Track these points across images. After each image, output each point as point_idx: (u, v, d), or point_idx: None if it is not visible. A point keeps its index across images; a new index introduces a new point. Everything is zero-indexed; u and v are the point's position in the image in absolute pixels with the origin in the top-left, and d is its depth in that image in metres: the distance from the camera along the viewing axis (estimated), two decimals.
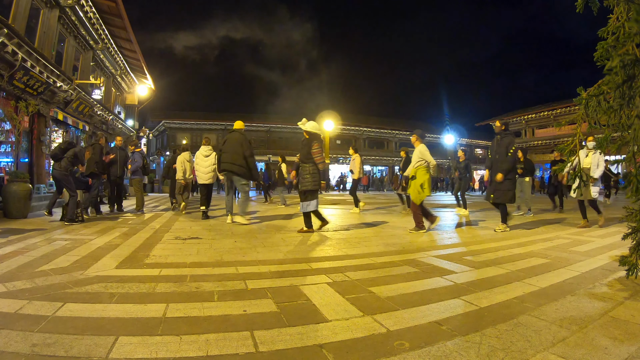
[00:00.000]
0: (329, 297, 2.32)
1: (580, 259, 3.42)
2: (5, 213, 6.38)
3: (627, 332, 1.78)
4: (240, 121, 6.43)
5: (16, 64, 7.51)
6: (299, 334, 1.77)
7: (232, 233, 5.00)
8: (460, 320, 1.95)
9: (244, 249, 3.90)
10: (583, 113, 2.94)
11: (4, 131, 8.31)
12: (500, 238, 4.71)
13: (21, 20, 8.20)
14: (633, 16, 2.37)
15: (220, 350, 1.59)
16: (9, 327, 1.77)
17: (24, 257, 3.30)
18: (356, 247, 4.04)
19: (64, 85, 9.47)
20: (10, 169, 8.41)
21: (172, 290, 2.42)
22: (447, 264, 3.24)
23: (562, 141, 4.93)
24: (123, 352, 1.56)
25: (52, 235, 4.58)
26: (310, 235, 4.84)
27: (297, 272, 2.93)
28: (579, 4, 2.70)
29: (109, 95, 15.69)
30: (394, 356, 1.55)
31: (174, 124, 31.98)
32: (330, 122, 20.89)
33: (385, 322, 1.91)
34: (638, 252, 2.64)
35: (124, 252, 3.61)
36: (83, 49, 12.42)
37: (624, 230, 2.91)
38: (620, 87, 2.52)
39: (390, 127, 36.44)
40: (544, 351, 1.58)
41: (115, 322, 1.89)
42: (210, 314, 2.01)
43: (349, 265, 3.21)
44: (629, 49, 2.42)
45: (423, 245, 4.23)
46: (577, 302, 2.24)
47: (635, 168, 2.58)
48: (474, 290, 2.48)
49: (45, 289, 2.39)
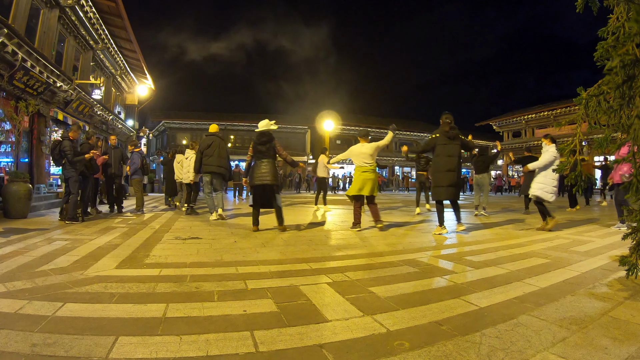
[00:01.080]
0: (329, 297, 2.32)
1: (580, 259, 3.42)
2: (5, 213, 6.38)
3: (627, 332, 1.77)
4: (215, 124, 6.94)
5: (16, 64, 7.51)
6: (299, 334, 1.77)
7: (232, 233, 5.00)
8: (460, 320, 1.95)
9: (244, 249, 3.90)
10: (583, 113, 2.94)
11: (4, 131, 8.30)
12: (500, 238, 4.72)
13: (21, 20, 8.20)
14: (633, 16, 2.37)
15: (220, 350, 1.59)
16: (9, 327, 1.77)
17: (24, 257, 3.29)
18: (356, 247, 4.04)
19: (64, 85, 9.47)
20: (10, 169, 8.40)
21: (172, 290, 2.42)
22: (447, 264, 3.24)
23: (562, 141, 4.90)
24: (123, 352, 1.56)
25: (52, 235, 4.58)
26: (310, 235, 4.85)
27: (297, 272, 2.93)
28: (579, 4, 2.70)
29: (109, 95, 15.69)
30: (394, 356, 1.55)
31: (174, 124, 31.99)
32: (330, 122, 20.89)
33: (385, 322, 1.91)
34: (638, 252, 2.64)
35: (124, 252, 3.61)
36: (83, 49, 12.42)
37: (623, 230, 2.91)
38: (620, 87, 2.52)
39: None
40: (544, 351, 1.58)
41: (115, 322, 1.89)
42: (210, 314, 2.01)
43: (349, 265, 3.21)
44: (629, 49, 2.42)
45: (423, 245, 4.23)
46: (577, 302, 2.24)
47: (635, 168, 2.58)
48: (474, 290, 2.48)
49: (45, 289, 2.39)
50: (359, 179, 5.24)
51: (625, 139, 2.62)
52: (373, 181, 5.20)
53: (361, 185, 5.19)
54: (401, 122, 37.52)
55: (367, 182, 5.17)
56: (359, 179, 5.23)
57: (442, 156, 4.88)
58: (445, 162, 4.84)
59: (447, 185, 4.84)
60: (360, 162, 5.27)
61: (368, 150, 5.24)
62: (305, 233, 5.07)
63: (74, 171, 5.97)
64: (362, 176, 5.21)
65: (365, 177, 5.19)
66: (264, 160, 4.96)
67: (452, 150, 4.83)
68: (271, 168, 4.93)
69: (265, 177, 4.88)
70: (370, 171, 5.21)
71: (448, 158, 4.82)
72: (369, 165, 5.23)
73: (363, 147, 5.30)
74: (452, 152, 4.83)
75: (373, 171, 5.24)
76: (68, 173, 5.95)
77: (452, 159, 4.81)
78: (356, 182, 5.25)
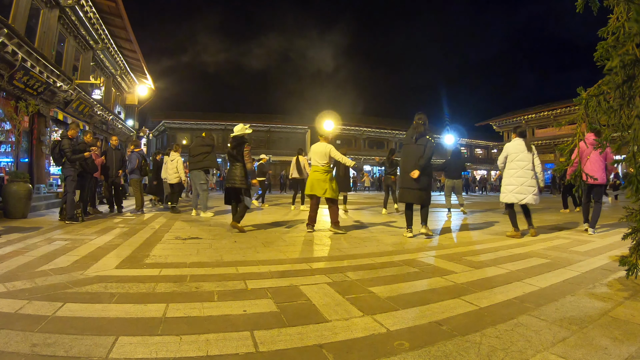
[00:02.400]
0: (329, 297, 2.32)
1: (580, 259, 3.42)
2: (5, 213, 6.38)
3: (627, 332, 1.77)
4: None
5: (16, 64, 7.51)
6: (299, 334, 1.77)
7: (231, 233, 5.00)
8: (460, 320, 1.95)
9: (244, 249, 3.90)
10: (583, 113, 2.94)
11: (4, 131, 8.30)
12: (500, 238, 4.71)
13: (21, 20, 8.20)
14: (633, 16, 2.37)
15: (220, 350, 1.59)
16: (9, 327, 1.77)
17: (24, 257, 3.29)
18: (356, 247, 4.04)
19: (64, 85, 9.47)
20: (10, 169, 8.40)
21: (172, 290, 2.42)
22: (447, 264, 3.24)
23: (562, 141, 4.86)
24: (123, 352, 1.56)
25: (52, 235, 4.58)
26: (310, 236, 4.85)
27: (297, 272, 2.93)
28: (579, 4, 2.70)
29: (109, 95, 15.69)
30: (394, 356, 1.55)
31: (174, 124, 31.97)
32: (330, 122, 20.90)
33: (385, 322, 1.91)
34: (638, 252, 2.64)
35: (124, 252, 3.61)
36: (83, 49, 12.41)
37: (624, 230, 2.91)
38: (620, 87, 2.52)
39: (391, 127, 36.45)
40: (544, 351, 1.58)
41: (115, 322, 1.89)
42: (210, 314, 2.01)
43: (349, 265, 3.21)
44: (629, 49, 2.42)
45: (423, 245, 4.23)
46: (577, 302, 2.24)
47: (635, 168, 2.58)
48: (474, 290, 2.48)
49: (45, 289, 2.39)
50: (309, 178, 5.20)
51: (625, 138, 2.62)
52: (323, 182, 5.05)
53: (310, 184, 5.13)
54: (401, 122, 37.53)
55: (316, 183, 5.07)
56: (310, 178, 5.19)
57: (404, 157, 4.73)
58: (405, 164, 4.68)
59: (406, 187, 4.64)
60: (314, 160, 5.20)
61: (324, 149, 5.14)
62: (304, 233, 5.07)
63: (72, 170, 5.99)
64: (312, 176, 5.15)
65: (314, 177, 5.10)
66: (236, 164, 5.12)
67: (414, 151, 4.58)
68: (240, 172, 5.08)
69: (235, 180, 5.06)
70: (322, 171, 5.09)
71: (408, 158, 4.63)
72: (322, 165, 5.12)
73: (320, 146, 5.20)
74: (413, 152, 4.58)
75: (325, 172, 5.10)
76: (66, 172, 5.97)
77: (412, 160, 4.56)
78: (308, 182, 5.22)
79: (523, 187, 4.67)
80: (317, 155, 5.15)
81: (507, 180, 4.82)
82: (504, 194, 4.84)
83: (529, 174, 4.67)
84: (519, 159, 4.73)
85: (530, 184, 4.66)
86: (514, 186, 4.73)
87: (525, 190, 4.66)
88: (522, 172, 4.70)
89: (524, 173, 4.68)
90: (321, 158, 5.13)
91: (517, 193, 4.70)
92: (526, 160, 4.70)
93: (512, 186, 4.75)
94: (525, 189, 4.66)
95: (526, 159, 4.70)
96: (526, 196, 4.65)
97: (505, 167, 4.90)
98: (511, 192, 4.75)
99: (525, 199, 4.65)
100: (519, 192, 4.69)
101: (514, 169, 4.75)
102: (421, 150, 4.54)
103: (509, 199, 4.79)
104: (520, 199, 4.68)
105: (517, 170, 4.72)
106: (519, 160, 4.72)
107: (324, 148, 5.15)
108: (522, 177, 4.69)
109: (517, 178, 4.71)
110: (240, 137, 5.18)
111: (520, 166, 4.71)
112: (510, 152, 4.81)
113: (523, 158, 4.71)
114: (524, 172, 4.68)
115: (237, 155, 5.11)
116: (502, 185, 4.91)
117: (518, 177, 4.71)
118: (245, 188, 5.07)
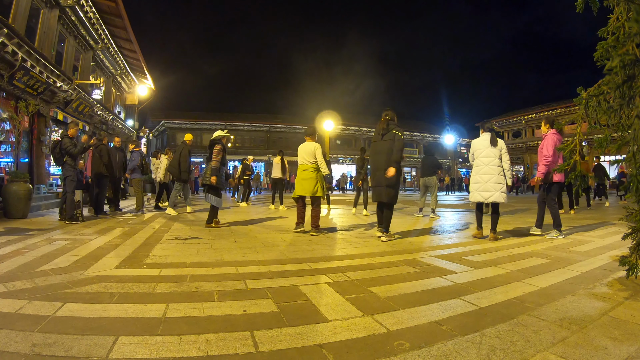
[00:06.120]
0: (329, 297, 2.32)
1: (580, 259, 3.42)
2: (5, 213, 6.38)
3: (627, 332, 1.77)
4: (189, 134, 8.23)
5: (16, 64, 7.51)
6: (299, 334, 1.77)
7: (231, 233, 5.00)
8: (460, 320, 1.95)
9: (244, 249, 3.90)
10: (583, 113, 2.94)
11: (4, 131, 8.30)
12: (500, 238, 4.71)
13: (21, 20, 8.20)
14: (633, 16, 2.37)
15: (220, 350, 1.59)
16: (9, 327, 1.77)
17: (24, 257, 3.29)
18: (356, 247, 4.04)
19: (64, 85, 9.47)
20: (10, 169, 8.40)
21: (172, 290, 2.42)
22: (447, 264, 3.24)
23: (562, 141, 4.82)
24: (123, 352, 1.56)
25: (52, 235, 4.58)
26: (310, 236, 4.85)
27: (297, 272, 2.93)
28: (579, 4, 2.70)
29: (109, 95, 15.69)
30: (394, 356, 1.55)
31: (174, 124, 31.98)
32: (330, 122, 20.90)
33: (385, 322, 1.91)
34: (638, 252, 2.64)
35: (124, 252, 3.61)
36: (83, 49, 12.42)
37: (624, 230, 2.91)
38: (620, 87, 2.52)
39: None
40: (544, 351, 1.58)
41: (115, 322, 1.89)
42: (210, 314, 2.01)
43: (349, 265, 3.21)
44: (629, 49, 2.42)
45: (423, 245, 4.23)
46: (577, 302, 2.23)
47: (635, 168, 2.58)
48: (474, 290, 2.48)
49: (45, 289, 2.39)
50: (298, 178, 5.15)
51: (625, 138, 2.62)
52: (313, 180, 5.00)
53: (300, 184, 5.08)
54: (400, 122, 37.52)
55: (306, 181, 5.03)
56: (298, 177, 5.14)
57: (372, 155, 4.59)
58: (373, 161, 4.55)
59: (375, 185, 4.49)
60: (301, 159, 5.16)
61: (312, 148, 5.11)
62: (304, 233, 5.07)
63: (72, 170, 5.99)
64: (301, 175, 5.11)
65: (304, 176, 5.07)
66: (209, 163, 5.68)
67: (381, 147, 4.42)
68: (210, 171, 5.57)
69: (205, 178, 5.61)
70: (311, 169, 5.04)
71: (377, 156, 4.47)
72: (310, 163, 5.08)
73: (308, 145, 5.16)
74: (380, 149, 4.43)
75: (314, 170, 5.05)
76: (66, 172, 5.97)
77: (380, 157, 4.41)
78: (297, 182, 5.16)
79: (489, 184, 4.41)
80: (306, 154, 5.12)
81: (474, 178, 4.58)
82: (472, 192, 4.62)
83: (496, 170, 4.40)
84: (484, 154, 4.49)
85: (497, 181, 4.38)
86: (479, 184, 4.49)
87: (491, 188, 4.39)
88: (487, 169, 4.44)
89: (490, 170, 4.43)
90: (309, 155, 5.10)
91: (482, 191, 4.46)
92: (492, 156, 4.44)
93: (478, 184, 4.52)
94: (492, 186, 4.39)
95: (491, 154, 4.45)
96: (492, 194, 4.39)
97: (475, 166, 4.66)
98: (477, 190, 4.52)
99: (492, 197, 4.39)
100: (484, 190, 4.44)
101: (479, 166, 4.52)
102: (388, 146, 4.35)
103: (475, 197, 4.55)
104: (486, 197, 4.43)
105: (482, 167, 4.48)
106: (484, 156, 4.49)
107: (312, 146, 5.14)
108: (487, 173, 4.44)
109: (483, 175, 4.47)
110: (214, 139, 5.70)
111: (485, 162, 4.46)
112: (477, 148, 4.59)
113: (488, 154, 4.46)
114: (490, 169, 4.42)
115: (210, 156, 5.66)
116: (470, 184, 4.68)
117: (483, 174, 4.47)
118: (209, 185, 5.53)
